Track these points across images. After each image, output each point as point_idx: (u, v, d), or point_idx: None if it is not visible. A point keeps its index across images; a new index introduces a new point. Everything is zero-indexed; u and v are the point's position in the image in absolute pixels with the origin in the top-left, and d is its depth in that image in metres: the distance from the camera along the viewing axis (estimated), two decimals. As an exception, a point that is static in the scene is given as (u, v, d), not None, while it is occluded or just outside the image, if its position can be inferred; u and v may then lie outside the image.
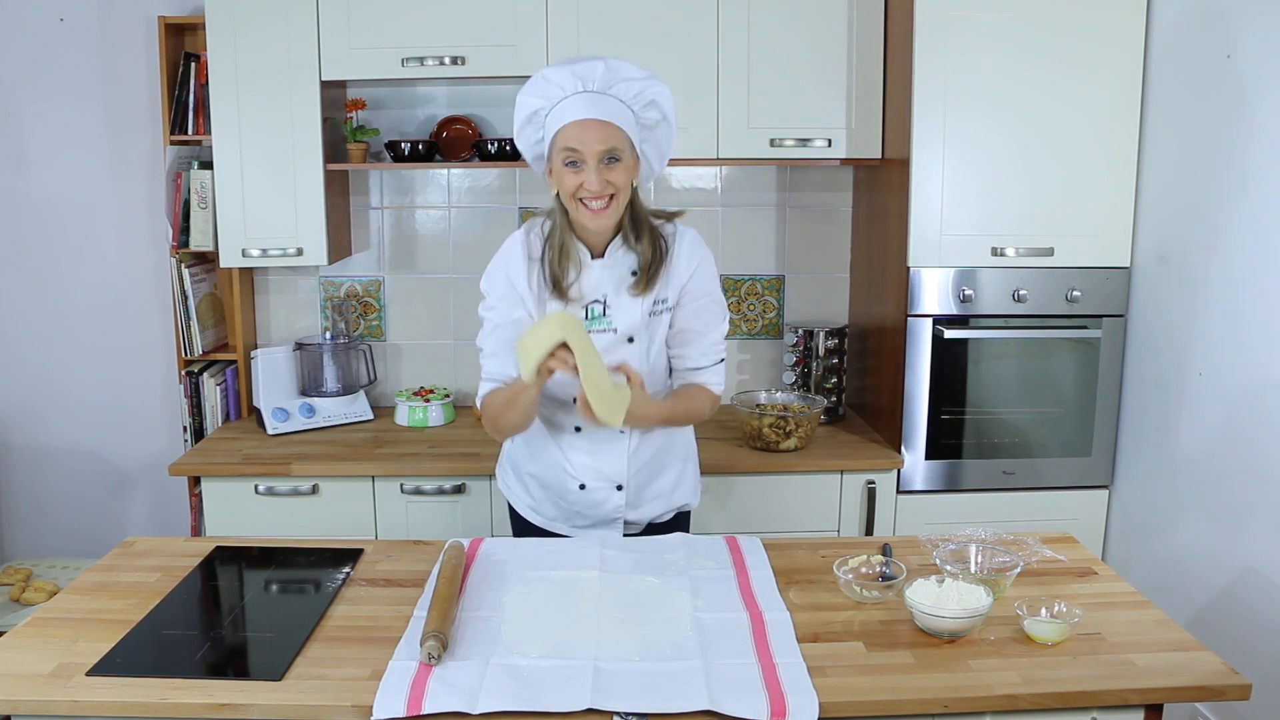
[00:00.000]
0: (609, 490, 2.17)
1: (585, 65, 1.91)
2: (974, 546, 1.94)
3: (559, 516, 2.23)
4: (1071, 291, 2.87)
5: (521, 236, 2.07)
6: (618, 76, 1.91)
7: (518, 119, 1.99)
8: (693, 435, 2.33)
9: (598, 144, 1.87)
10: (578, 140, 1.88)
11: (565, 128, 1.89)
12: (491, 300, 2.09)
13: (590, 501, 2.18)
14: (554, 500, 2.22)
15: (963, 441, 2.93)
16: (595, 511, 2.19)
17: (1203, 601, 2.59)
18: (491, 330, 2.10)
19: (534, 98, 1.94)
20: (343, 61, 2.92)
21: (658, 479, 2.22)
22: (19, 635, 1.72)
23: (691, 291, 2.09)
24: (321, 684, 1.57)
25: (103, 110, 3.29)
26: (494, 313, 2.09)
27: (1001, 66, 2.75)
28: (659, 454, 2.21)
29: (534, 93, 1.94)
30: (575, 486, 2.17)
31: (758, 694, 1.51)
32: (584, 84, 1.90)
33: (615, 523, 2.20)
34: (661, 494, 2.23)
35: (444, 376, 3.42)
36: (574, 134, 1.88)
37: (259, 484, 2.85)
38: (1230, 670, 1.61)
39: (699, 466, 2.36)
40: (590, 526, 2.21)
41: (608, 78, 1.90)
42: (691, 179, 3.34)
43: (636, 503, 2.20)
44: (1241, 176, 2.44)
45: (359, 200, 3.34)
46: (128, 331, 3.41)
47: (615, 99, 1.91)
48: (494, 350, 2.10)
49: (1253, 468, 2.43)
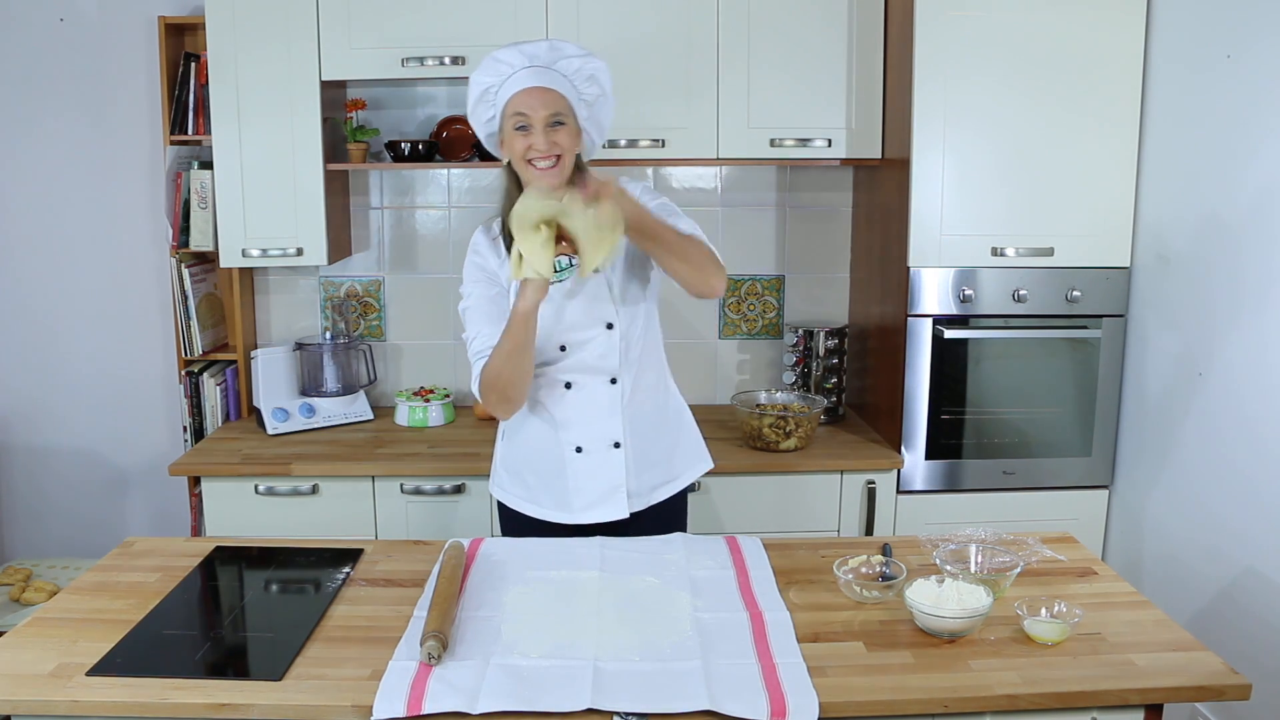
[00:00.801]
0: (606, 452, 2.16)
1: (531, 45, 2.08)
2: (974, 546, 1.94)
3: (557, 503, 2.20)
4: (1071, 291, 2.87)
5: (480, 228, 2.23)
6: (560, 54, 2.08)
7: (471, 98, 2.12)
8: (681, 399, 2.33)
9: (543, 108, 2.02)
10: (526, 105, 2.03)
11: (515, 96, 2.05)
12: (467, 288, 2.17)
13: (588, 469, 2.16)
14: (548, 484, 2.20)
15: (963, 441, 2.93)
16: (594, 483, 2.17)
17: (1203, 601, 2.60)
18: (474, 311, 2.13)
19: (485, 75, 2.09)
20: (343, 61, 2.92)
21: (656, 440, 2.22)
22: (19, 635, 1.72)
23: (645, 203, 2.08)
24: (321, 684, 1.57)
25: (103, 110, 3.29)
26: (471, 297, 2.15)
27: (1002, 67, 2.75)
28: (653, 411, 2.21)
29: (485, 71, 2.09)
30: (572, 452, 2.16)
31: (758, 694, 1.51)
32: (530, 60, 2.07)
33: (616, 495, 2.17)
34: (660, 460, 2.23)
35: (444, 376, 3.42)
36: (522, 100, 2.03)
37: (259, 484, 2.85)
38: (1230, 670, 1.61)
39: (699, 432, 2.35)
40: (591, 506, 2.17)
41: (551, 55, 2.07)
42: (691, 179, 3.34)
43: (637, 468, 2.18)
44: (1241, 176, 2.44)
45: (359, 200, 3.34)
46: (128, 332, 3.41)
47: (559, 73, 2.07)
48: (479, 326, 2.11)
49: (1253, 467, 2.43)
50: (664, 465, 2.24)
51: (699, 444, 2.35)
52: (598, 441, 2.16)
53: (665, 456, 2.25)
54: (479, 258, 2.17)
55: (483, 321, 2.10)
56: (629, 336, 2.15)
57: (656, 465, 2.23)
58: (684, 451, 2.30)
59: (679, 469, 2.28)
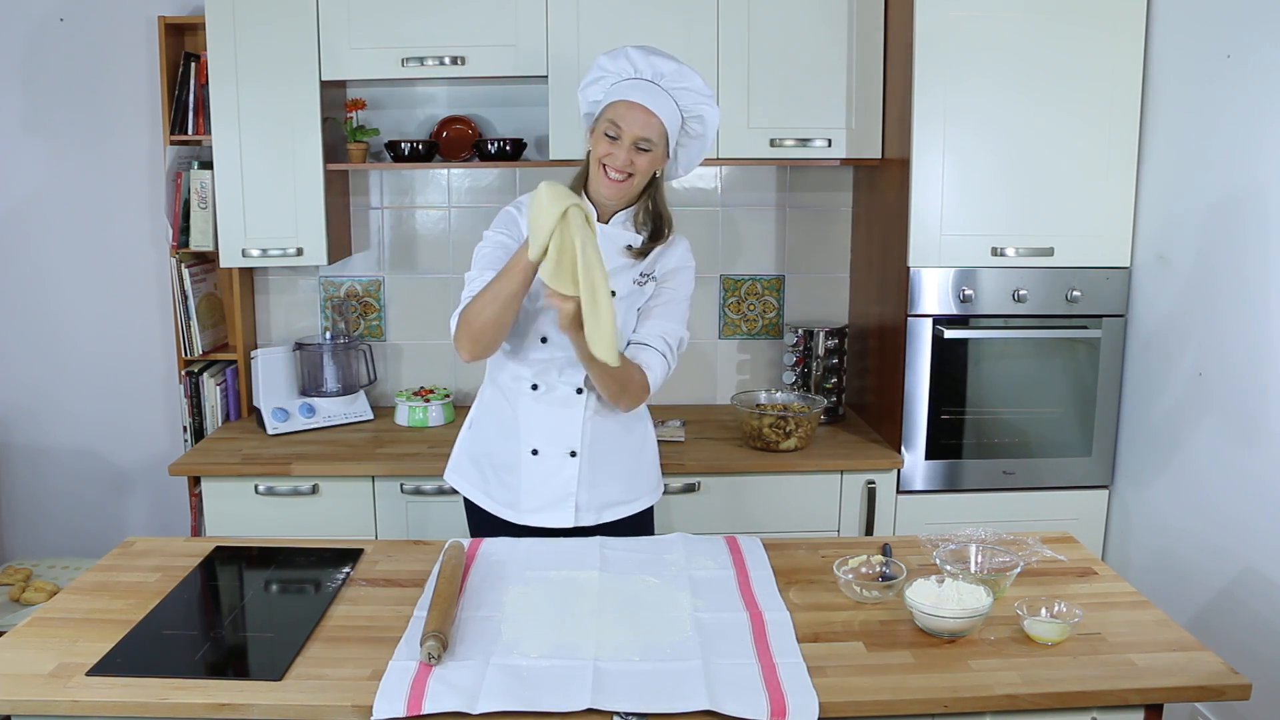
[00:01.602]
0: (562, 458, 2.16)
1: (661, 61, 2.07)
2: (974, 546, 1.94)
3: (507, 500, 2.20)
4: (1071, 291, 2.87)
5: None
6: (683, 83, 2.06)
7: (589, 76, 2.12)
8: (650, 423, 2.32)
9: (638, 129, 2.02)
10: (623, 119, 2.03)
11: (618, 103, 2.04)
12: (490, 232, 2.15)
13: (541, 473, 2.16)
14: (503, 479, 2.20)
15: (963, 441, 2.93)
16: (545, 488, 2.16)
17: (1203, 601, 2.59)
18: (484, 254, 2.11)
19: (612, 63, 2.09)
20: (343, 61, 2.92)
21: (614, 458, 2.20)
22: (19, 635, 1.72)
23: (672, 282, 2.17)
24: (321, 684, 1.57)
25: (103, 110, 3.29)
26: (489, 242, 2.13)
27: (1002, 67, 2.75)
28: (616, 428, 2.20)
29: (613, 60, 2.10)
30: (528, 452, 2.16)
31: (758, 694, 1.51)
32: (653, 74, 2.06)
33: (565, 503, 2.16)
34: (618, 476, 2.21)
35: (444, 376, 3.42)
36: (622, 112, 2.03)
37: (259, 484, 2.85)
38: (1230, 670, 1.61)
39: (659, 463, 2.34)
40: (538, 510, 2.17)
41: (676, 79, 2.06)
42: (691, 179, 3.34)
43: (591, 480, 2.18)
44: (1241, 176, 2.44)
45: (359, 200, 3.34)
46: (128, 331, 3.41)
47: (671, 100, 2.06)
48: (482, 269, 2.08)
49: (1253, 467, 2.43)
50: (622, 483, 2.23)
51: (656, 474, 2.33)
52: (554, 447, 2.16)
53: (624, 475, 2.23)
54: (515, 211, 2.17)
55: (486, 265, 2.09)
56: None
57: (613, 481, 2.21)
58: (643, 478, 2.28)
59: (638, 491, 2.26)
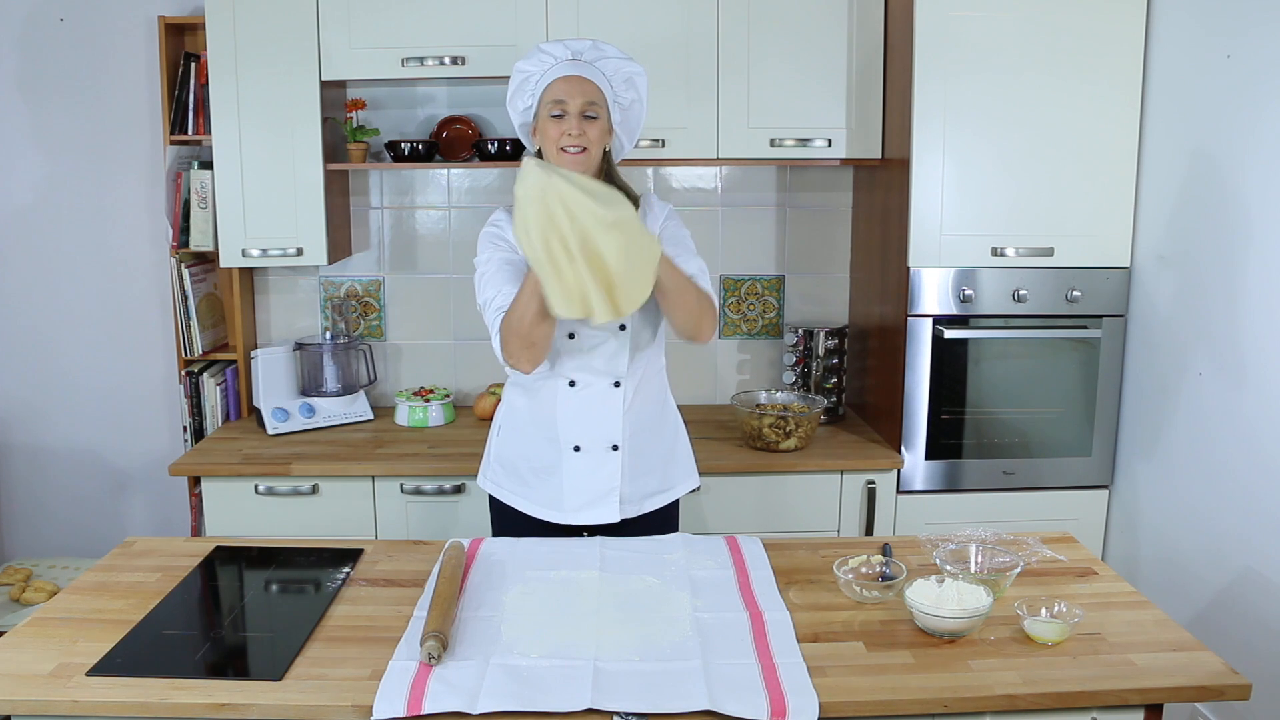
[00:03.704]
0: (604, 453, 2.17)
1: (575, 41, 2.17)
2: (974, 546, 1.94)
3: (549, 501, 2.20)
4: (1071, 291, 2.87)
5: (501, 208, 2.23)
6: (602, 54, 2.15)
7: (512, 85, 2.18)
8: (678, 413, 2.34)
9: (580, 97, 2.08)
10: (564, 93, 2.09)
11: (554, 83, 2.11)
12: (483, 255, 2.16)
13: (584, 469, 2.17)
14: (544, 480, 2.20)
15: (963, 441, 2.93)
16: (588, 484, 2.17)
17: (1203, 601, 2.60)
18: (491, 274, 2.11)
19: (528, 64, 2.16)
20: (343, 61, 2.92)
21: (651, 448, 2.22)
22: (19, 635, 1.72)
23: (666, 233, 2.18)
24: (321, 684, 1.57)
25: (103, 110, 3.28)
26: (489, 263, 2.13)
27: (1002, 66, 2.75)
28: (653, 419, 2.22)
29: (529, 60, 2.16)
30: (569, 450, 2.17)
31: (758, 694, 1.51)
32: (573, 54, 2.14)
33: (610, 498, 2.17)
34: (655, 468, 2.23)
35: (444, 376, 3.42)
36: (561, 87, 2.10)
37: (259, 484, 2.85)
38: (1230, 670, 1.61)
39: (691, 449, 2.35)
40: (583, 507, 2.18)
41: (594, 53, 2.15)
42: (691, 179, 3.34)
43: (633, 472, 2.19)
44: (1241, 176, 2.44)
45: (359, 200, 3.34)
46: (128, 331, 3.41)
47: (599, 71, 2.14)
48: (498, 285, 2.07)
49: (1253, 467, 2.43)
50: (659, 474, 2.25)
51: (690, 459, 2.35)
52: (597, 442, 2.17)
53: (660, 465, 2.25)
54: (497, 229, 2.18)
55: (501, 282, 2.08)
56: (639, 341, 2.16)
57: (652, 472, 2.23)
58: (678, 464, 2.30)
59: (673, 479, 2.28)
